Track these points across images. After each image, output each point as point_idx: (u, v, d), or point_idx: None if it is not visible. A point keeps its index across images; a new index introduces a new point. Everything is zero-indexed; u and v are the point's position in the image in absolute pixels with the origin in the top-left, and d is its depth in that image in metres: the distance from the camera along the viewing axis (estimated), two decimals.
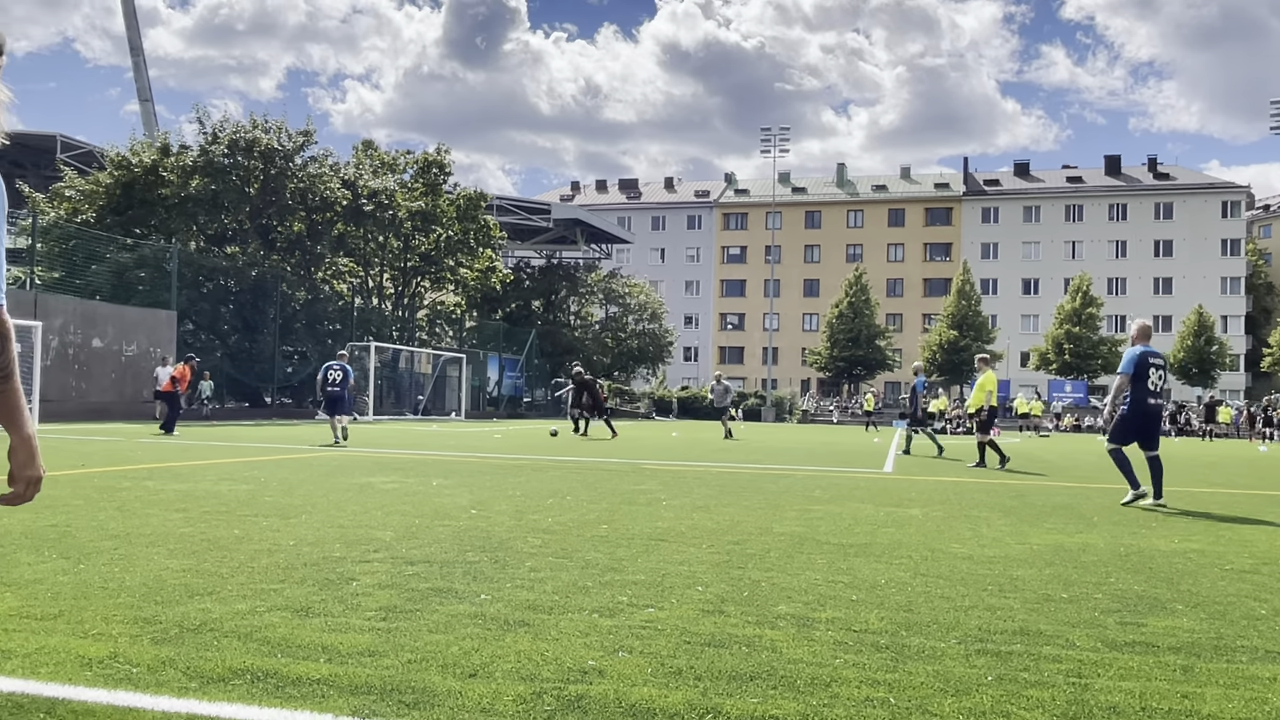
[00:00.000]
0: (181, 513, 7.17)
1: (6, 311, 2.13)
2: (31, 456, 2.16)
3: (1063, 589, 5.08)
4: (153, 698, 2.96)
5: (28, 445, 2.15)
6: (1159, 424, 10.22)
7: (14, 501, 2.15)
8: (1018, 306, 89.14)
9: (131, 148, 38.58)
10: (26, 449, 2.15)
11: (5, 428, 2.18)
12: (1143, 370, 9.93)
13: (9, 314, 2.15)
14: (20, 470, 2.15)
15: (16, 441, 2.16)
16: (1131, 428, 10.06)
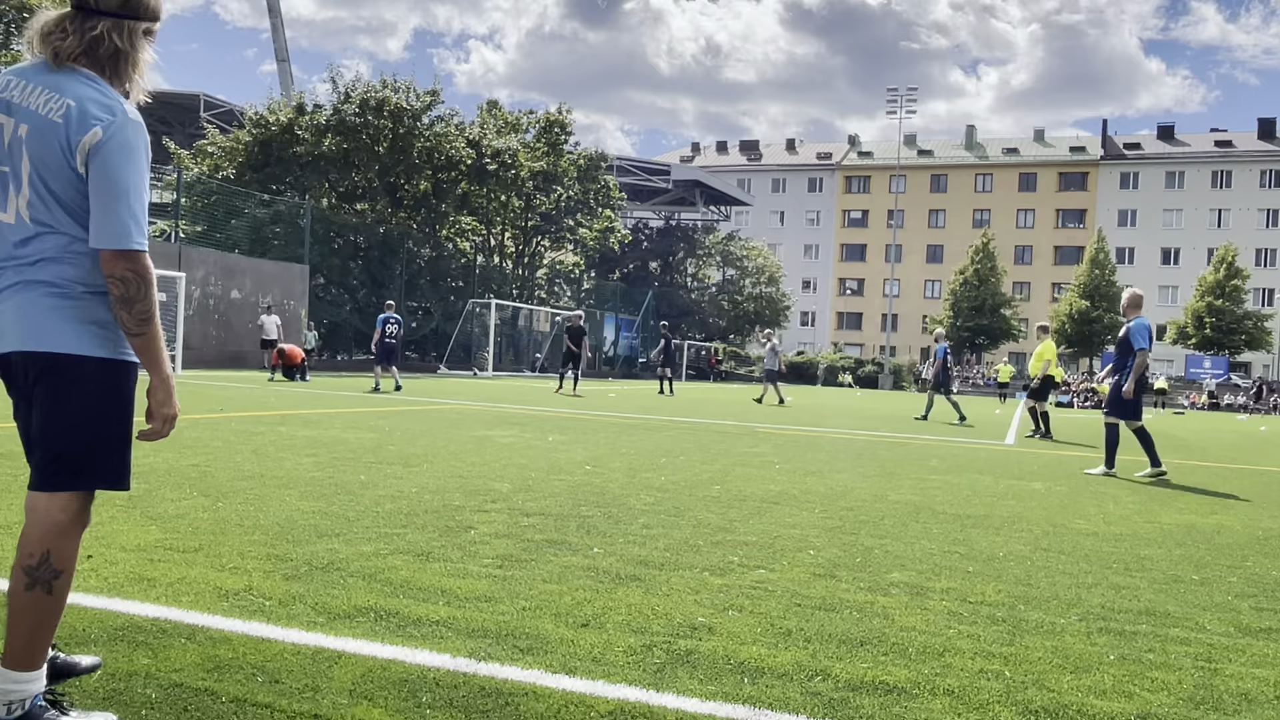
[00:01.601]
0: (312, 457, 7.48)
1: (149, 258, 2.25)
2: (169, 395, 2.30)
3: (1194, 571, 4.88)
4: (283, 630, 3.12)
5: (165, 385, 2.30)
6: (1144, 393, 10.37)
7: (151, 437, 2.30)
8: (1155, 277, 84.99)
9: (269, 106, 39.95)
10: (165, 389, 2.30)
11: (146, 369, 2.32)
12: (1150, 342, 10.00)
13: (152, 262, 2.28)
14: (159, 408, 2.30)
15: (156, 381, 2.30)
16: (1138, 400, 10.06)
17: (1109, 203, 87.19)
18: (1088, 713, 2.76)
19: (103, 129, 2.20)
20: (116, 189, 2.20)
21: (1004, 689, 2.92)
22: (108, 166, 2.19)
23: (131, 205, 2.20)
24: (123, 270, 2.20)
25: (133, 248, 2.20)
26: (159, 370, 2.27)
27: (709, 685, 2.82)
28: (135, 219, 2.21)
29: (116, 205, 2.19)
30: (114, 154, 2.20)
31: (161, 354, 2.26)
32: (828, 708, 2.69)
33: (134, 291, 2.21)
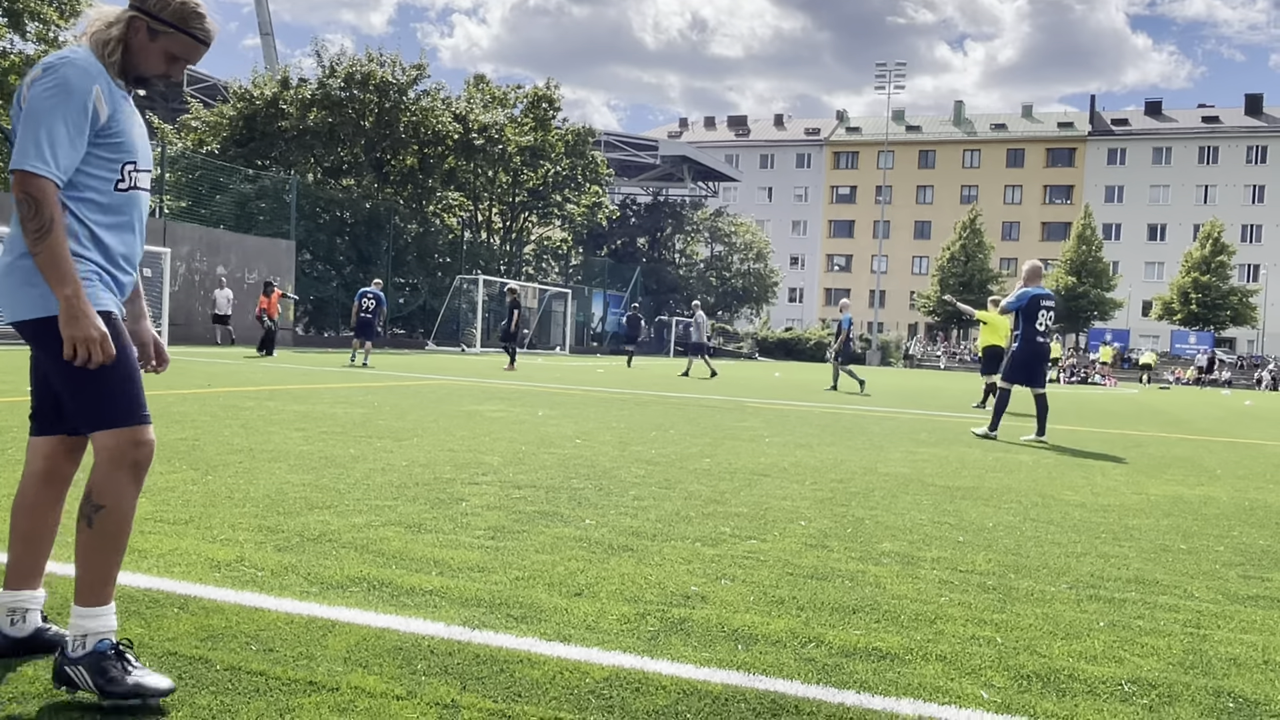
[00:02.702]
0: (301, 432, 7.46)
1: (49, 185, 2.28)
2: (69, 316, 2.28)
3: (1181, 540, 4.91)
4: (276, 599, 3.11)
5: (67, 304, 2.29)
6: (1045, 362, 10.59)
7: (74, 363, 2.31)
8: (1142, 253, 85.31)
9: (253, 80, 39.59)
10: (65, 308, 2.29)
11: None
12: (1033, 310, 10.29)
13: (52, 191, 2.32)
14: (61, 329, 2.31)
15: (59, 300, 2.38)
16: (1021, 365, 10.40)
17: (1096, 179, 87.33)
18: (1079, 677, 2.78)
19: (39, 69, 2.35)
20: (30, 118, 2.29)
21: (995, 654, 2.94)
22: (30, 101, 2.31)
23: (37, 133, 2.27)
24: (19, 191, 2.27)
25: (25, 168, 2.25)
26: (58, 288, 2.27)
27: (703, 652, 2.83)
28: (37, 144, 2.26)
29: (24, 131, 2.29)
30: (36, 90, 2.30)
31: (60, 270, 2.26)
32: (821, 673, 2.70)
33: (25, 211, 2.26)
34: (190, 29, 2.46)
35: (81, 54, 2.37)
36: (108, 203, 2.43)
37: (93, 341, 2.27)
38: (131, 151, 2.46)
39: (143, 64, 2.47)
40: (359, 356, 20.52)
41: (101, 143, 2.39)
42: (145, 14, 2.42)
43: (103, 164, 2.40)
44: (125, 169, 2.45)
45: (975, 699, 2.58)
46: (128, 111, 2.47)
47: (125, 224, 2.48)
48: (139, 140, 2.50)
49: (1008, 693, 2.63)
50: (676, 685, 2.56)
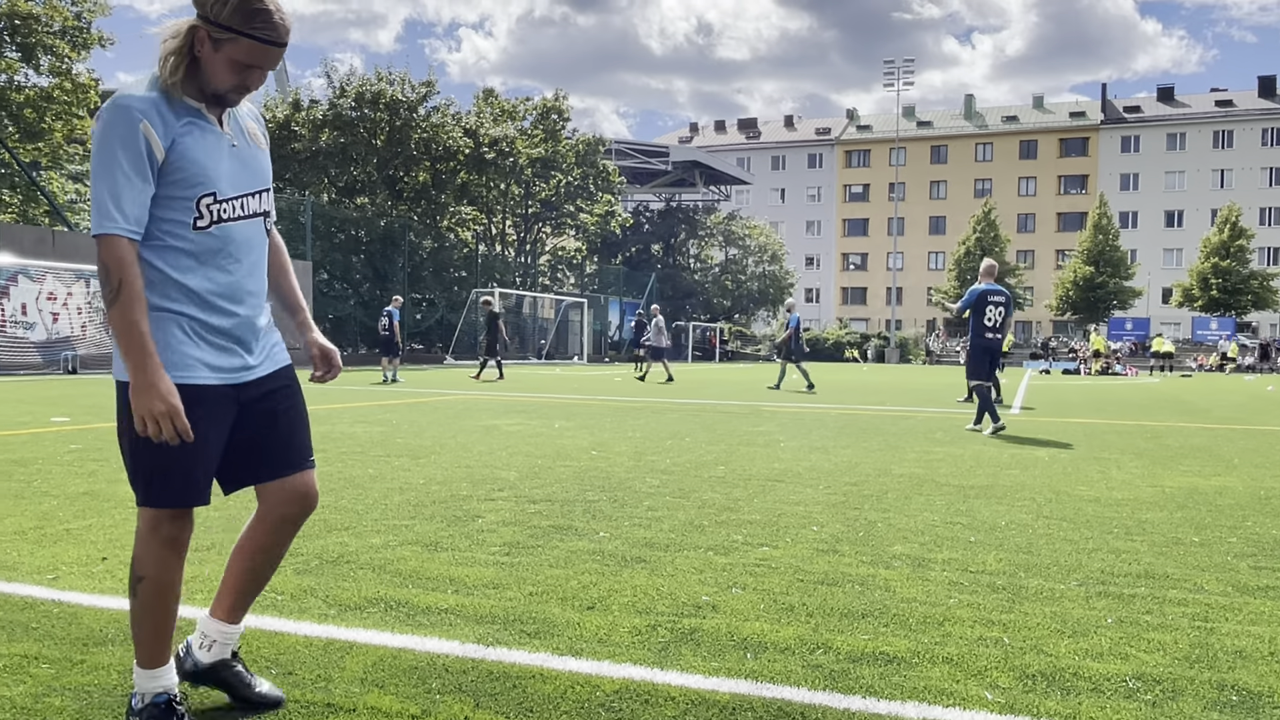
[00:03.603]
0: (320, 453, 7.55)
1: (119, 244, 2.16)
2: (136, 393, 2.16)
3: (1194, 533, 4.93)
4: (295, 622, 3.19)
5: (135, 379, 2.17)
6: (997, 357, 10.98)
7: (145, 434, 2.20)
8: (1159, 240, 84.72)
9: (265, 103, 39.97)
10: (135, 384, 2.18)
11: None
12: (981, 306, 10.69)
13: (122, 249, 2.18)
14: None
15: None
16: (978, 361, 10.79)
17: (1110, 167, 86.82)
18: (1084, 675, 2.82)
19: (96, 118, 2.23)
20: (92, 176, 2.19)
21: (1002, 655, 2.98)
22: (91, 157, 2.21)
23: (99, 189, 2.15)
24: (97, 258, 2.17)
25: (98, 232, 2.15)
26: (127, 357, 2.15)
27: (711, 662, 2.88)
28: (100, 202, 2.14)
29: (92, 190, 2.18)
30: (93, 144, 2.20)
31: (130, 347, 2.14)
32: (828, 679, 2.75)
33: (101, 278, 2.16)
34: (253, 30, 2.17)
35: (129, 90, 2.19)
36: (187, 247, 2.24)
37: (161, 416, 2.13)
38: (206, 183, 2.24)
39: (213, 78, 2.22)
40: (387, 373, 20.91)
41: (166, 182, 2.20)
42: (206, 20, 2.18)
43: (172, 205, 2.22)
44: (201, 204, 2.24)
45: (980, 700, 2.62)
46: (198, 140, 2.24)
47: (217, 263, 2.29)
48: (219, 165, 2.27)
49: (1012, 693, 2.67)
50: (685, 696, 2.62)
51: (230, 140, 2.31)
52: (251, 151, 2.38)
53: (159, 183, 2.19)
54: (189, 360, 2.26)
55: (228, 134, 2.32)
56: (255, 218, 2.37)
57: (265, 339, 2.46)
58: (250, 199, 2.34)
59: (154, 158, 2.16)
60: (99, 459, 6.98)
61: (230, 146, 2.31)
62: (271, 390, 2.44)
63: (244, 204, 2.33)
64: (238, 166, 2.32)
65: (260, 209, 2.39)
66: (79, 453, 7.33)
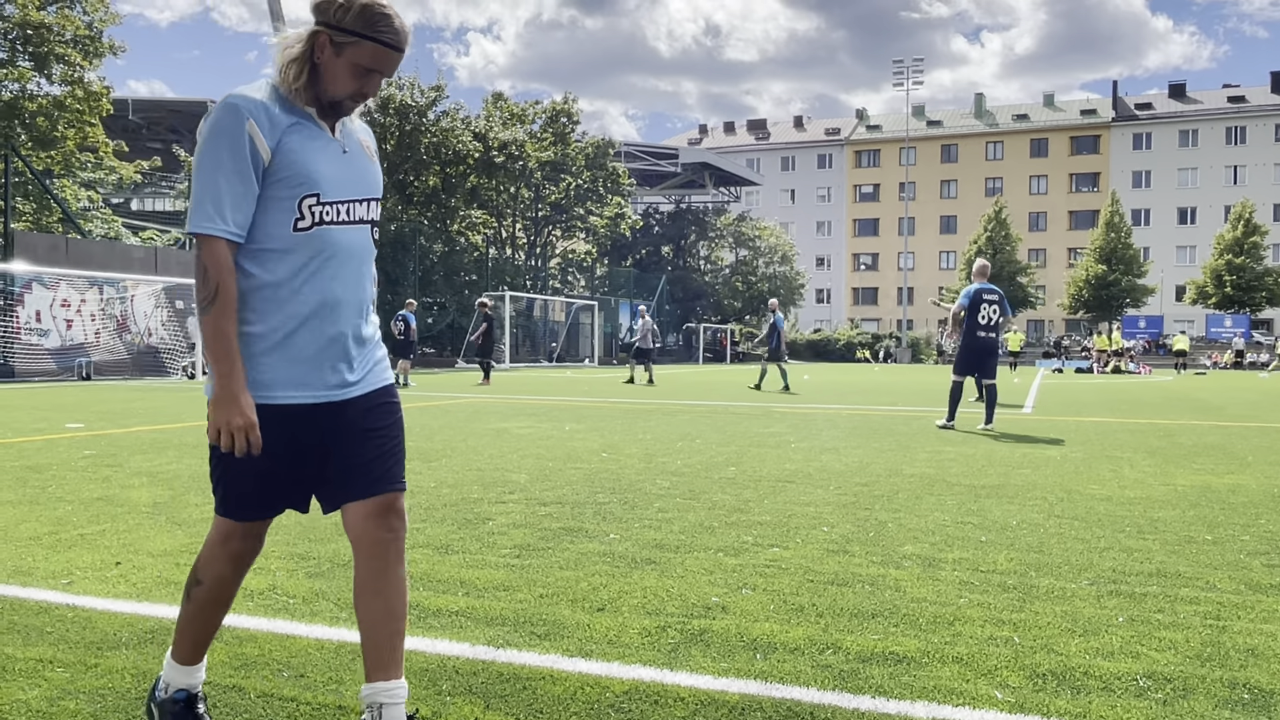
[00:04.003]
0: None
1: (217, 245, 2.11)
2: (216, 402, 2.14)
3: (1206, 531, 4.91)
4: (307, 626, 3.20)
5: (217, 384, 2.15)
6: (993, 355, 10.99)
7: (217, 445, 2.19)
8: (1172, 238, 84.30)
9: None
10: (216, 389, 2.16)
11: None
12: (975, 305, 10.77)
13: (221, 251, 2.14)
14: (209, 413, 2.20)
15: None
16: (964, 359, 10.92)
17: (1122, 164, 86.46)
18: (1094, 674, 2.81)
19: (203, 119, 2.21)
20: (195, 175, 2.16)
21: (1012, 654, 2.98)
22: (195, 156, 2.18)
23: (200, 189, 2.12)
24: (195, 259, 2.13)
25: (195, 230, 2.11)
26: (214, 365, 2.11)
27: (721, 663, 2.89)
28: (200, 201, 2.11)
29: (193, 189, 2.16)
30: (198, 143, 2.17)
31: (217, 356, 2.10)
32: (838, 679, 2.75)
33: (198, 280, 2.12)
34: (378, 34, 2.17)
35: (240, 91, 2.16)
36: (287, 248, 2.17)
37: (236, 429, 2.09)
38: (309, 183, 2.17)
39: (332, 84, 2.20)
40: (399, 377, 21.08)
41: (269, 182, 2.15)
42: (328, 26, 2.17)
43: (275, 206, 2.15)
44: (304, 204, 2.16)
45: (989, 700, 2.62)
46: (304, 142, 2.19)
47: (318, 269, 2.20)
48: (325, 167, 2.21)
49: (1022, 692, 2.67)
50: (694, 696, 2.62)
51: (341, 146, 2.27)
52: (361, 161, 2.32)
53: (263, 183, 2.14)
54: (278, 377, 2.19)
55: (338, 139, 2.27)
56: (360, 225, 2.29)
57: (368, 354, 2.35)
58: (356, 205, 2.27)
59: (259, 158, 2.12)
60: (113, 465, 7.03)
61: (341, 152, 2.26)
62: (368, 409, 2.32)
63: (349, 209, 2.25)
64: (345, 172, 2.25)
65: (366, 217, 2.31)
66: (93, 459, 7.38)
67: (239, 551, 2.35)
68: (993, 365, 10.96)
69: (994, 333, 10.86)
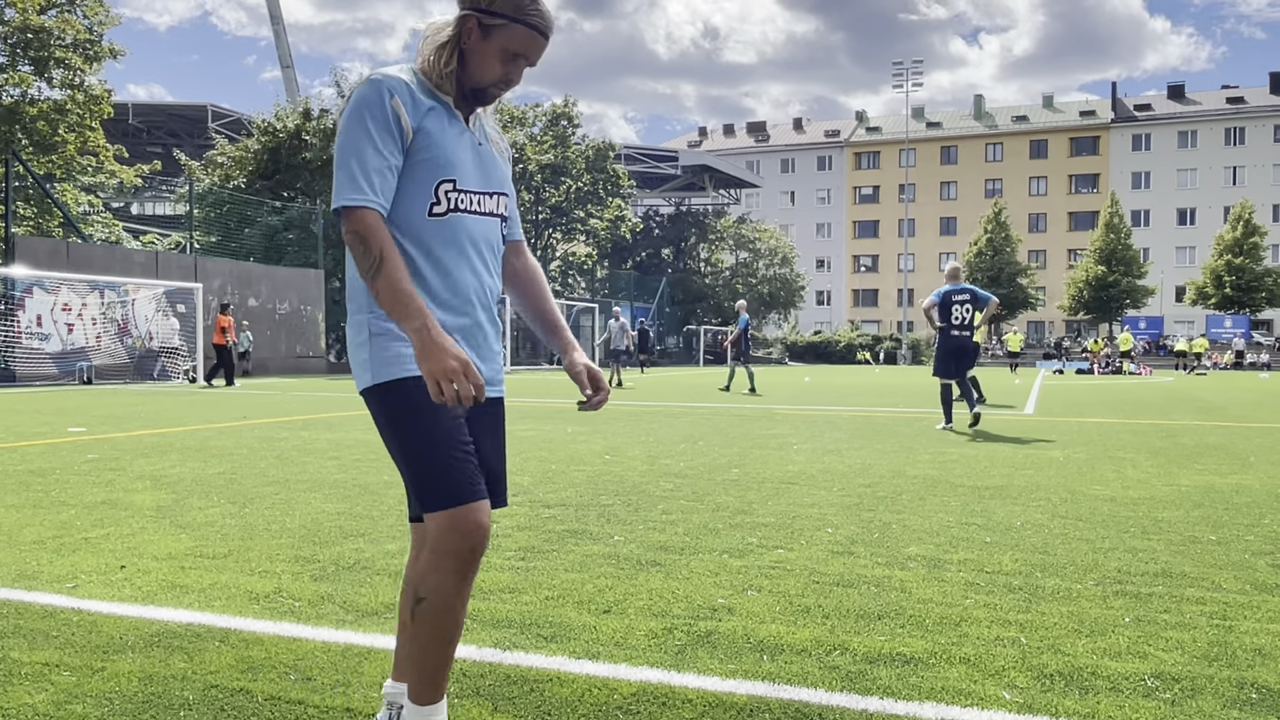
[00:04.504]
0: (335, 460, 7.59)
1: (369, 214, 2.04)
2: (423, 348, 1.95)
3: (1211, 531, 4.90)
4: (313, 629, 3.20)
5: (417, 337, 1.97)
6: (966, 352, 11.28)
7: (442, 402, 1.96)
8: (1172, 238, 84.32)
9: (276, 114, 40.15)
10: (416, 341, 1.97)
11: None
12: (946, 307, 11.13)
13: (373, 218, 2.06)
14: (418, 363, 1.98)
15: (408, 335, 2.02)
16: (943, 360, 11.22)
17: (1122, 165, 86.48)
18: (1102, 674, 2.81)
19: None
20: (338, 150, 2.09)
21: (1019, 655, 2.98)
22: (337, 133, 2.12)
23: (347, 162, 2.05)
24: (346, 232, 2.04)
25: (343, 203, 2.03)
26: (405, 323, 1.97)
27: (728, 664, 2.88)
28: (350, 174, 2.03)
29: (336, 164, 2.08)
30: (340, 120, 2.12)
31: (403, 304, 1.97)
32: (845, 680, 2.75)
33: (355, 251, 2.02)
34: (526, 17, 2.14)
35: (383, 70, 2.13)
36: (422, 232, 2.13)
37: (454, 373, 1.91)
38: (447, 168, 2.13)
39: (479, 70, 2.16)
40: None
41: (409, 164, 2.10)
42: (476, 10, 2.13)
43: (412, 189, 2.11)
44: (440, 189, 2.13)
45: (997, 700, 2.61)
46: (443, 127, 2.14)
47: (449, 255, 2.15)
48: (463, 156, 2.17)
49: (1030, 693, 2.67)
50: (702, 698, 2.62)
51: (476, 139, 2.23)
52: (494, 157, 2.28)
53: (403, 162, 2.10)
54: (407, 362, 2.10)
55: (473, 131, 2.23)
56: (492, 218, 2.25)
57: (494, 360, 2.28)
58: (487, 198, 2.22)
59: (403, 132, 2.08)
60: (115, 468, 7.03)
61: (476, 144, 2.22)
62: (480, 416, 2.22)
63: (481, 201, 2.21)
64: (479, 164, 2.22)
65: (498, 211, 2.26)
66: (96, 463, 7.38)
67: (460, 549, 2.10)
68: (970, 361, 11.36)
69: (968, 331, 11.22)
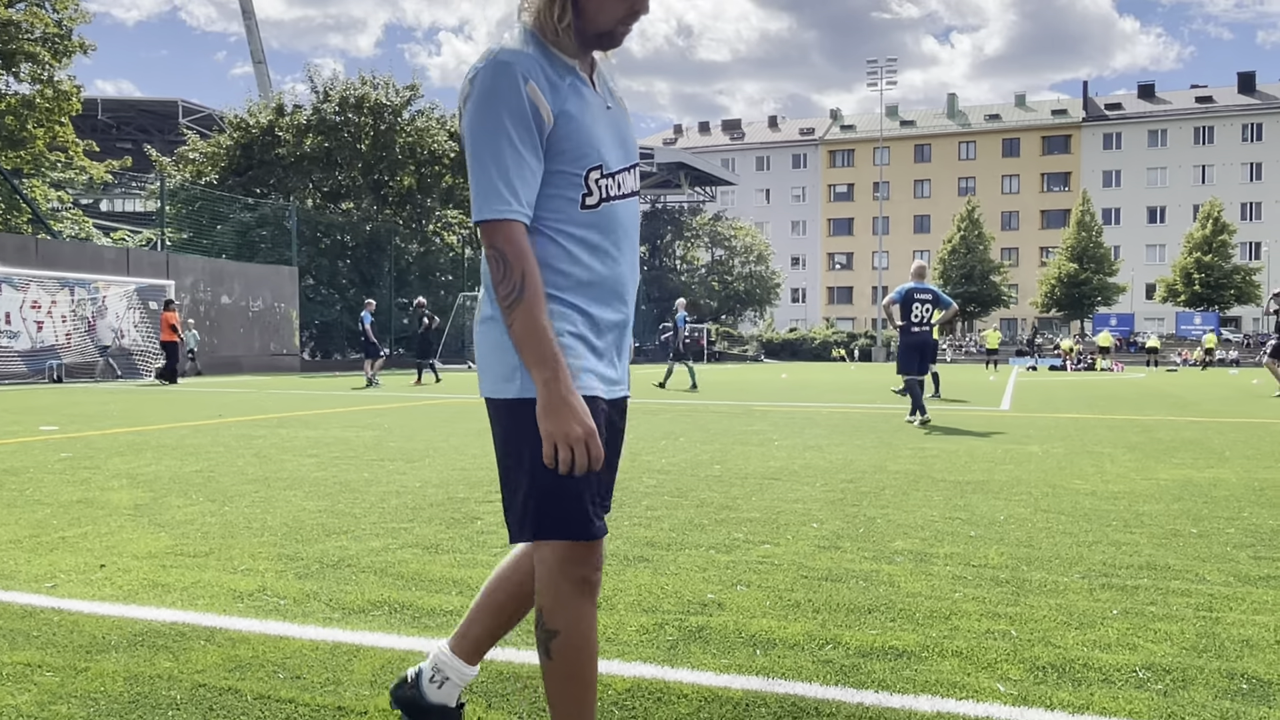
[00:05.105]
0: (314, 458, 7.52)
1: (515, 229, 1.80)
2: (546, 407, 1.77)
3: (1192, 524, 4.94)
4: (300, 627, 3.16)
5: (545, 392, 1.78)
6: (927, 349, 11.57)
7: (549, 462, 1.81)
8: (1142, 236, 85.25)
9: (248, 109, 39.80)
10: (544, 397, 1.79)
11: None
12: (907, 304, 11.41)
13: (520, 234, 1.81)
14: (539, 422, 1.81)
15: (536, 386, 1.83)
16: (906, 357, 11.47)
17: (1093, 164, 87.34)
18: (1093, 666, 2.82)
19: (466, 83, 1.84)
20: (472, 153, 1.82)
21: (1011, 647, 2.98)
22: (466, 132, 1.83)
23: (485, 167, 1.79)
24: (486, 247, 1.81)
25: (484, 218, 1.79)
26: (535, 370, 1.77)
27: (722, 659, 2.87)
28: (489, 182, 1.78)
29: (472, 170, 1.82)
30: (468, 115, 1.82)
31: (538, 347, 1.76)
32: (840, 674, 2.74)
33: (494, 272, 1.79)
34: None
35: (504, 47, 1.82)
36: (575, 232, 1.88)
37: (577, 441, 1.74)
38: (595, 152, 1.88)
39: (601, 13, 1.87)
40: (368, 376, 21.16)
41: (552, 154, 1.84)
42: None
43: (559, 181, 1.86)
44: (590, 179, 1.88)
45: (992, 693, 2.62)
46: (581, 102, 1.88)
47: (604, 251, 1.92)
48: (604, 134, 1.91)
49: (1024, 685, 2.67)
50: (698, 693, 2.61)
51: (604, 101, 1.95)
52: (623, 118, 2.00)
53: (545, 155, 1.84)
54: (582, 369, 1.87)
55: (600, 93, 1.95)
56: (634, 197, 1.99)
57: (626, 352, 2.06)
58: (627, 175, 1.96)
59: (542, 125, 1.81)
60: (90, 467, 6.93)
61: (606, 109, 1.94)
62: (615, 418, 2.04)
63: (623, 180, 1.95)
64: (616, 135, 1.95)
65: (634, 188, 1.99)
66: (70, 461, 7.28)
67: (583, 577, 1.92)
68: (931, 356, 11.61)
69: (928, 327, 11.49)
